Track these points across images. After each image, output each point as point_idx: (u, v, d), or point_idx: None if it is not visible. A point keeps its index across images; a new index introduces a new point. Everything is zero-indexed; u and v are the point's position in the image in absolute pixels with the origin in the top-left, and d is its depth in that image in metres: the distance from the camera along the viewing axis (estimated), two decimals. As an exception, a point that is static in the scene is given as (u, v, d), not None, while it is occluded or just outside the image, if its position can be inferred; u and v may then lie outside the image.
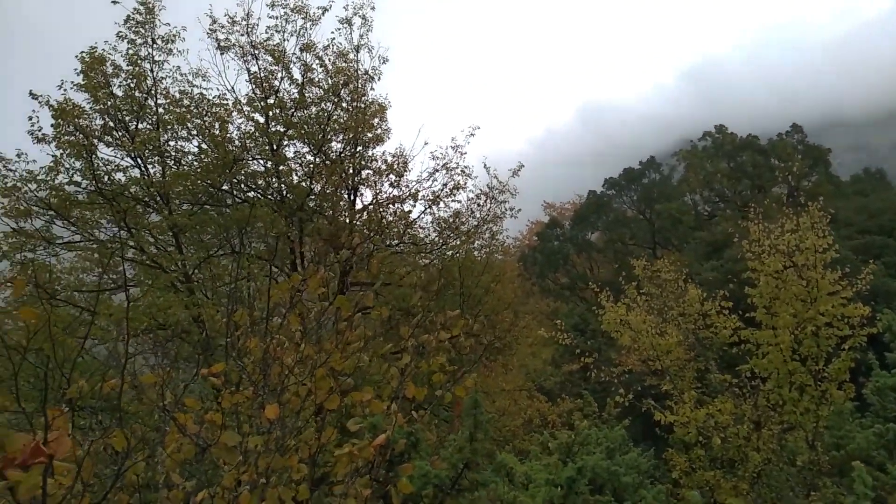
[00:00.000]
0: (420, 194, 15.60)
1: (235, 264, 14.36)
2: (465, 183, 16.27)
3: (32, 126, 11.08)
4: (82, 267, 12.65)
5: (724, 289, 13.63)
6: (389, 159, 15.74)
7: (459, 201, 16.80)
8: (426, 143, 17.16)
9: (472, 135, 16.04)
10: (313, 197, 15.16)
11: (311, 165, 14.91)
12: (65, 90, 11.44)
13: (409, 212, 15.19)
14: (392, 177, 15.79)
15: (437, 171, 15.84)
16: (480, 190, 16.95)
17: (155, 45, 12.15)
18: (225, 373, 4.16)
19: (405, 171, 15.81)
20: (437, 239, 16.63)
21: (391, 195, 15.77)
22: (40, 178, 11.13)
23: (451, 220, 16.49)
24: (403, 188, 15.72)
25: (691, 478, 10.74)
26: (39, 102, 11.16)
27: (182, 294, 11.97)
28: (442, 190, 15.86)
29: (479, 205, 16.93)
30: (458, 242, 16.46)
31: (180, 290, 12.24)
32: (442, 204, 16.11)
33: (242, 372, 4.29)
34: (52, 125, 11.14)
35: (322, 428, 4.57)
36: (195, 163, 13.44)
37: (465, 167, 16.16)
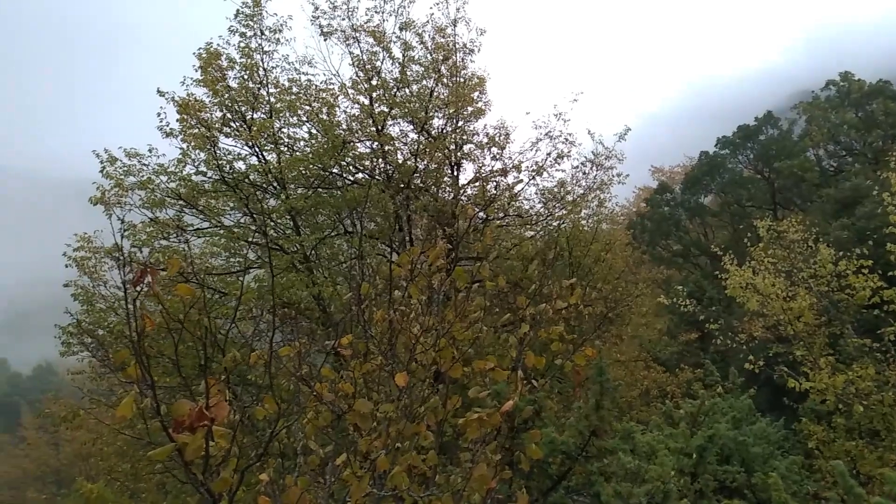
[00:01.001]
0: (523, 165, 15.45)
1: (348, 244, 14.90)
2: (570, 151, 15.94)
3: (161, 122, 11.97)
4: (210, 252, 13.53)
5: (859, 248, 12.59)
6: (491, 132, 15.69)
7: (564, 170, 16.50)
8: (528, 113, 16.87)
9: (575, 100, 15.65)
10: (418, 174, 15.38)
11: (416, 143, 15.11)
12: (187, 86, 12.26)
13: (517, 183, 15.08)
14: (494, 150, 15.73)
15: (540, 140, 15.61)
16: (585, 157, 16.56)
17: (263, 36, 12.70)
18: (353, 344, 4.34)
19: (507, 142, 15.70)
20: (542, 210, 16.44)
21: (494, 168, 15.73)
22: (170, 170, 12.02)
23: (555, 189, 16.24)
24: (506, 160, 15.63)
25: (830, 448, 10.09)
26: (166, 99, 12.03)
27: (302, 274, 12.54)
28: (545, 160, 15.63)
29: (584, 172, 16.56)
30: (565, 212, 16.20)
31: (300, 269, 12.82)
32: (546, 174, 15.89)
33: (369, 343, 4.45)
34: (177, 120, 11.98)
35: (447, 396, 4.68)
36: (307, 148, 13.96)
37: (569, 135, 15.83)
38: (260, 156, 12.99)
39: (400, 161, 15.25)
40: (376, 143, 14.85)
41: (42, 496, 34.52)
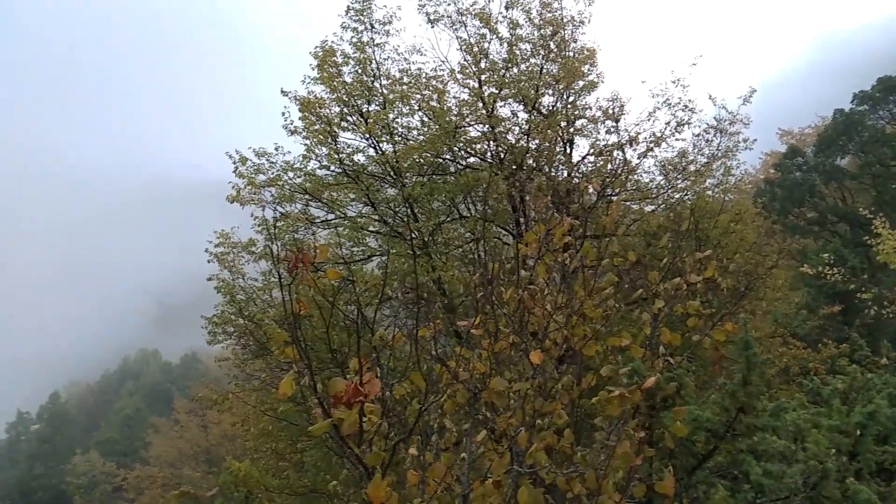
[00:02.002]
0: (641, 137, 14.90)
1: (464, 228, 15.07)
2: (690, 118, 15.20)
3: (285, 121, 12.67)
4: (336, 242, 14.16)
5: None
6: (604, 105, 15.24)
7: (684, 139, 15.76)
8: (643, 82, 16.19)
9: (694, 65, 14.87)
10: (531, 154, 15.24)
11: (526, 123, 14.97)
12: (307, 85, 12.87)
13: (645, 153, 14.59)
14: (609, 123, 15.28)
15: (658, 109, 14.98)
16: (707, 124, 15.71)
17: (374, 30, 13.05)
18: (483, 324, 4.40)
19: (622, 114, 15.19)
20: (662, 182, 15.81)
21: (609, 142, 15.29)
22: (296, 166, 12.70)
23: (676, 160, 15.56)
24: (622, 133, 15.14)
25: None
26: (289, 99, 12.69)
27: (421, 259, 12.84)
28: (664, 129, 14.99)
29: (707, 140, 15.73)
30: (687, 183, 15.50)
31: (419, 255, 13.13)
32: (665, 144, 15.24)
33: (499, 322, 4.50)
34: (299, 118, 12.61)
35: (580, 374, 4.65)
36: (419, 136, 14.23)
37: (689, 101, 15.08)
38: (376, 147, 13.41)
39: (511, 142, 15.18)
40: (487, 126, 14.86)
41: (196, 473, 37.78)
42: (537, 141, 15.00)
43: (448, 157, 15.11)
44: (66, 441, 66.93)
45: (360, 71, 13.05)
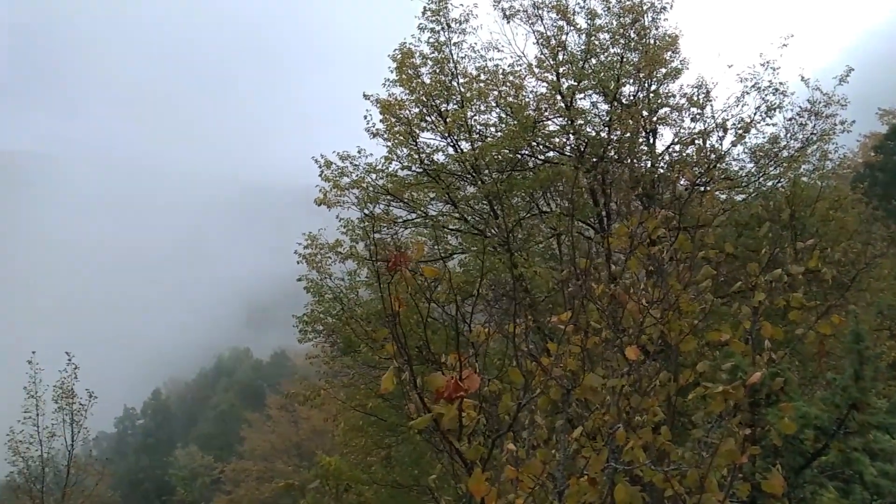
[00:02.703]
0: (728, 123, 14.31)
1: (545, 224, 14.94)
2: (781, 102, 14.48)
3: (367, 124, 12.98)
4: (416, 241, 14.38)
5: None
6: (689, 92, 14.75)
7: (775, 124, 15.03)
8: (730, 66, 15.54)
9: (784, 45, 14.14)
10: (612, 146, 14.94)
11: (607, 114, 14.68)
12: (387, 87, 13.13)
13: (737, 141, 14.06)
14: (694, 110, 14.78)
15: (746, 94, 14.35)
16: (800, 107, 14.90)
17: (451, 29, 13.14)
18: (575, 320, 4.34)
19: (708, 101, 14.65)
20: (753, 170, 15.15)
21: (695, 130, 14.79)
22: (378, 168, 12.99)
23: (767, 146, 14.87)
24: (708, 120, 14.60)
25: None
26: (371, 102, 12.99)
27: (502, 256, 12.83)
28: (754, 115, 14.35)
29: (800, 124, 14.93)
30: (780, 170, 14.79)
31: (500, 252, 13.13)
32: (755, 130, 14.60)
33: (591, 317, 4.43)
34: (380, 120, 12.89)
35: (676, 370, 4.52)
36: (497, 133, 14.22)
37: (780, 84, 14.37)
38: (455, 146, 13.50)
39: (592, 134, 14.93)
40: (566, 119, 14.67)
41: (288, 467, 39.17)
42: (618, 132, 14.68)
43: (526, 152, 15.02)
44: (168, 435, 70.97)
45: (437, 71, 13.18)
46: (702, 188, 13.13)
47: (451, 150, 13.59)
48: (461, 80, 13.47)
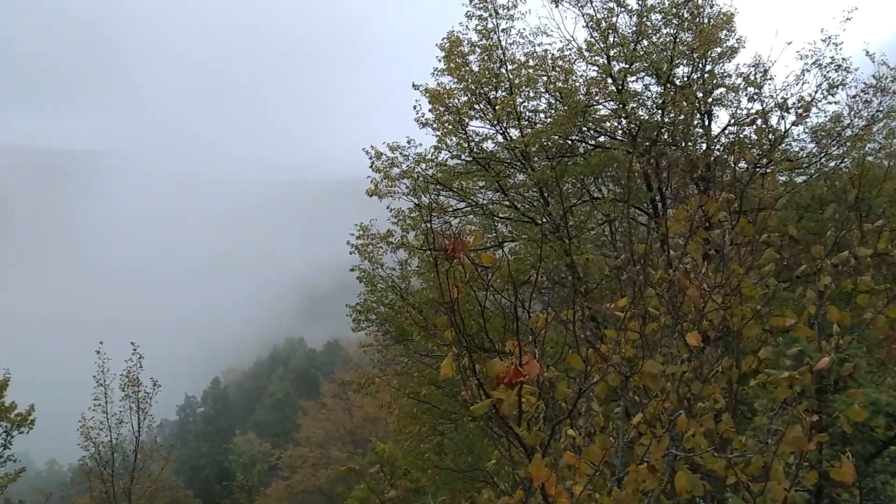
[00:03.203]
0: (788, 103, 13.81)
1: (597, 210, 14.73)
2: (844, 79, 13.90)
3: (416, 114, 13.05)
4: (466, 230, 14.40)
5: None
6: (745, 71, 14.29)
7: (838, 102, 14.43)
8: (789, 43, 14.97)
9: (848, 19, 13.53)
10: (666, 129, 14.61)
11: (660, 96, 14.35)
12: (436, 77, 13.14)
13: (798, 121, 13.59)
14: (751, 90, 14.32)
15: (807, 71, 13.81)
16: (865, 83, 14.27)
17: (498, 15, 13.03)
18: (629, 306, 4.29)
19: (766, 80, 14.17)
20: (814, 150, 14.60)
21: (752, 111, 14.33)
22: (428, 158, 13.05)
23: (829, 125, 14.31)
24: (766, 99, 14.13)
25: None
26: (420, 92, 13.03)
27: (553, 243, 12.74)
28: (815, 93, 13.81)
29: (865, 101, 14.31)
30: (843, 150, 14.21)
31: (551, 240, 13.03)
32: (816, 109, 14.05)
33: (649, 303, 4.37)
34: (429, 110, 12.93)
35: (739, 357, 4.42)
36: (547, 119, 14.07)
37: (843, 60, 13.79)
38: (505, 133, 13.44)
39: (644, 117, 14.63)
40: (617, 103, 14.41)
41: (343, 453, 39.97)
42: (672, 115, 14.35)
43: (577, 137, 14.83)
44: (227, 422, 73.29)
45: (486, 58, 13.11)
46: (762, 170, 12.73)
47: (500, 138, 13.53)
48: (510, 67, 13.37)
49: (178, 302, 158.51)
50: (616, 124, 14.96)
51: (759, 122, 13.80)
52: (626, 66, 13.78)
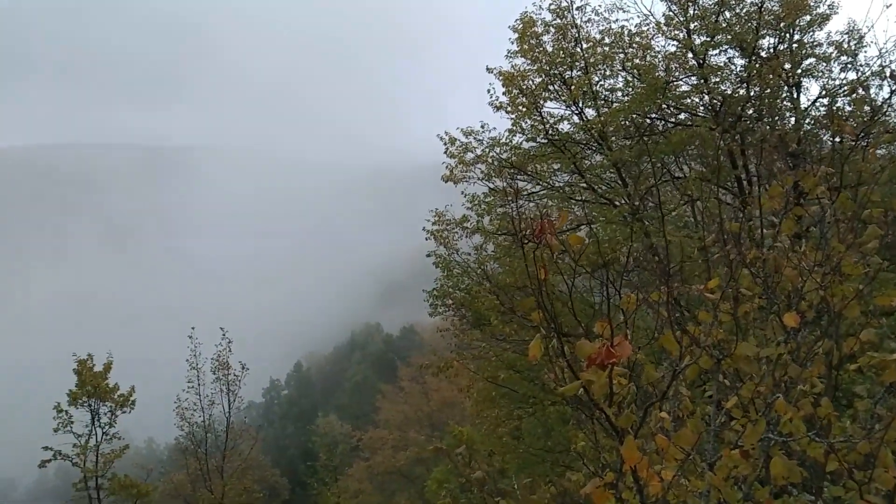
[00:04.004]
0: (887, 70, 12.91)
1: (678, 190, 14.27)
2: (954, 40, 12.85)
3: (490, 97, 12.98)
4: (541, 214, 14.25)
5: None
6: (837, 39, 13.46)
7: (943, 67, 13.37)
8: (888, 6, 13.96)
9: (957, -26, 12.48)
10: (751, 103, 13.97)
11: (744, 69, 13.71)
12: (510, 59, 13.01)
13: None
14: (844, 59, 13.49)
15: (909, 35, 12.85)
16: (979, 45, 13.14)
17: (572, -8, 12.75)
18: (720, 287, 4.14)
19: (860, 48, 13.31)
20: (919, 120, 13.62)
21: (845, 81, 13.49)
22: (502, 141, 12.97)
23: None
24: (861, 68, 13.27)
25: None
26: (493, 75, 12.94)
27: (634, 225, 12.44)
28: (918, 59, 12.85)
29: (976, 66, 13.18)
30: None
31: (631, 222, 12.74)
32: (918, 76, 13.06)
33: (741, 283, 4.21)
34: (503, 93, 12.82)
35: (839, 339, 4.22)
36: (624, 98, 13.72)
37: (951, 22, 12.76)
38: (581, 113, 13.19)
39: (727, 92, 14.02)
40: (698, 78, 13.87)
41: (421, 436, 40.63)
42: (758, 88, 13.69)
43: (656, 116, 14.39)
44: (309, 405, 75.84)
45: (560, 37, 12.87)
46: (861, 143, 11.99)
47: (576, 119, 13.29)
48: (585, 46, 13.07)
49: (263, 288, 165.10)
50: (697, 100, 14.43)
51: (856, 92, 12.97)
52: (708, 39, 13.23)
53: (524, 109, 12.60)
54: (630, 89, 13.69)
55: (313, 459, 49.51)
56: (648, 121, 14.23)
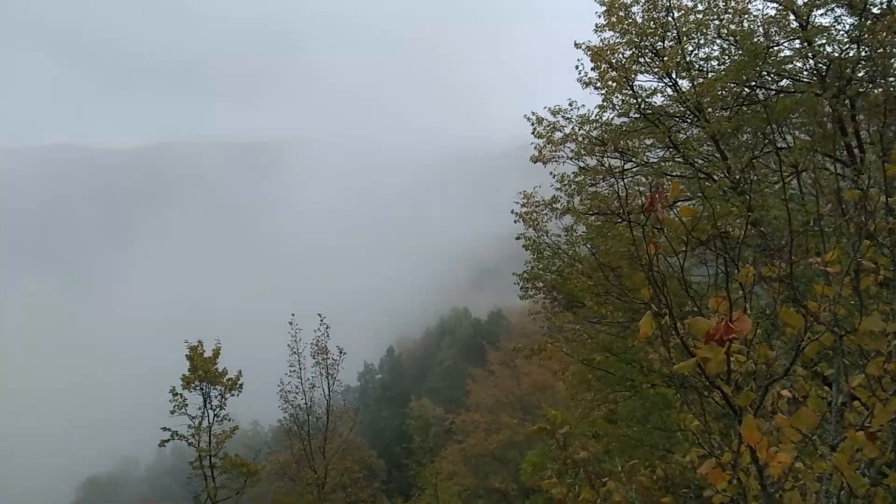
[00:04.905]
0: None
1: (782, 161, 13.48)
2: None
3: (579, 73, 12.68)
4: (634, 192, 13.83)
5: None
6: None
7: None
8: None
9: None
10: (862, 65, 12.95)
11: (854, 29, 12.72)
12: (598, 33, 12.63)
13: None
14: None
15: None
16: None
17: (661, -41, 12.23)
18: (839, 260, 3.89)
19: None
20: None
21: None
22: (591, 119, 12.66)
23: None
24: None
25: None
26: (582, 51, 12.62)
27: (734, 199, 11.89)
28: None
29: None
30: None
31: (731, 196, 12.18)
32: None
33: (866, 254, 3.94)
34: (591, 68, 12.50)
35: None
36: (720, 67, 13.07)
37: None
38: (675, 86, 12.68)
39: (835, 54, 13.06)
40: (801, 41, 13.00)
41: (513, 420, 40.76)
42: (869, 48, 12.67)
43: (755, 83, 13.62)
44: (402, 388, 77.57)
45: (650, 7, 12.38)
46: None
47: (669, 91, 12.78)
48: (676, 14, 12.52)
49: (355, 276, 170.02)
50: (801, 65, 13.52)
51: None
52: (814, -4, 12.36)
53: (614, 84, 12.23)
54: (727, 57, 13.03)
55: (408, 442, 50.72)
56: (747, 89, 13.50)
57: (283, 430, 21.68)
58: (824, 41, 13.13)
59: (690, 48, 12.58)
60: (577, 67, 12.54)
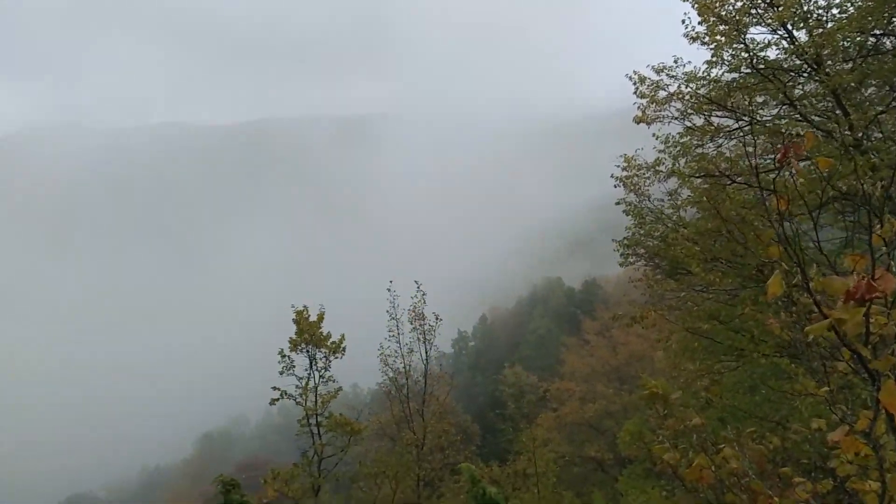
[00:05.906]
0: None
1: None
2: None
3: (685, 28, 11.99)
4: (742, 152, 13.07)
5: None
6: None
7: None
8: None
9: None
10: None
11: None
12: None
13: None
14: None
15: None
16: None
17: None
18: None
19: None
20: None
21: None
22: (699, 76, 12.00)
23: None
24: None
25: None
26: (689, 4, 11.92)
27: (857, 158, 11.01)
28: None
29: None
30: None
31: (853, 154, 11.28)
32: None
33: None
34: (699, 22, 11.77)
35: None
36: (842, 15, 12.03)
37: None
38: (791, 38, 11.78)
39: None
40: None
41: (609, 389, 40.28)
42: None
43: (881, 32, 12.44)
44: (495, 356, 78.17)
45: (763, -48, 11.51)
46: None
47: (785, 44, 11.88)
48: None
49: (449, 245, 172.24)
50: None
51: None
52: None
53: (724, 38, 11.49)
54: (849, 4, 11.94)
55: (501, 408, 51.20)
56: (873, 38, 12.36)
57: (383, 393, 22.42)
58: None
59: (810, -4, 11.64)
60: (683, 22, 11.87)
